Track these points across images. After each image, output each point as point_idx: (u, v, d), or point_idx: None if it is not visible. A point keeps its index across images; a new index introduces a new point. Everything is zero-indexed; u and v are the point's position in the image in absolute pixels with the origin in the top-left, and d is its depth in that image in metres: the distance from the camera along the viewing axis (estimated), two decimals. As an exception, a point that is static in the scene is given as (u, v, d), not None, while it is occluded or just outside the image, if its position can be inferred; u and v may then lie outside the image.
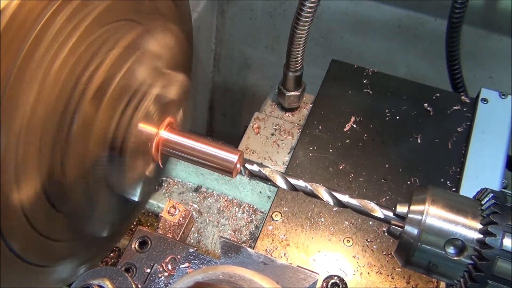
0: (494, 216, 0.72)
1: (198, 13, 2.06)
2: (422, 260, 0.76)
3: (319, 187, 0.85)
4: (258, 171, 0.88)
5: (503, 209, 0.72)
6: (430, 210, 0.75)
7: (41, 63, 0.69)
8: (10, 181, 0.70)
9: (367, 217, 0.84)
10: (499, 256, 0.70)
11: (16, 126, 0.68)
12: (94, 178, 0.84)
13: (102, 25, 0.79)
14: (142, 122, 0.85)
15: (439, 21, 1.83)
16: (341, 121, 1.31)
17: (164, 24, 0.96)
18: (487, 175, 1.18)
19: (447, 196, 0.77)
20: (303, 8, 1.11)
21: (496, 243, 0.70)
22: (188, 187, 1.32)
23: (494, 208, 0.73)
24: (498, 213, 0.72)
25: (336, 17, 2.02)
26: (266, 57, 2.29)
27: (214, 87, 2.48)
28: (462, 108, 1.32)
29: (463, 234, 0.73)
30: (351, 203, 0.83)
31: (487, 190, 0.77)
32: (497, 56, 1.84)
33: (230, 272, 0.77)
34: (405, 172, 1.21)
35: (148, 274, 0.92)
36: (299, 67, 1.28)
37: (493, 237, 0.70)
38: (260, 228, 1.17)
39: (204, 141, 0.90)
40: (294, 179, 0.87)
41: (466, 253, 0.72)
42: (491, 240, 0.70)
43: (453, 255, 0.73)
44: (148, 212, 1.28)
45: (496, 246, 0.70)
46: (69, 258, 0.93)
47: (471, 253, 0.72)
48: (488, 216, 0.72)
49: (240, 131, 1.41)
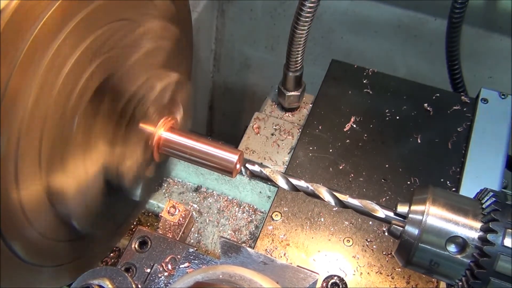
0: (495, 214, 0.72)
1: (198, 13, 2.06)
2: (423, 260, 0.76)
3: (320, 188, 0.85)
4: (259, 171, 0.88)
5: (503, 207, 0.73)
6: (430, 210, 0.75)
7: (41, 63, 0.69)
8: (10, 181, 0.70)
9: (367, 217, 0.84)
10: (501, 252, 0.70)
11: (16, 126, 0.68)
12: (94, 178, 0.84)
13: (102, 25, 0.79)
14: (142, 122, 0.85)
15: (439, 21, 1.83)
16: (341, 121, 1.31)
17: (163, 24, 0.96)
18: (487, 175, 1.18)
19: (447, 196, 0.77)
20: (303, 8, 1.11)
21: (497, 240, 0.70)
22: (188, 187, 1.32)
23: (495, 206, 0.73)
24: (499, 210, 0.72)
25: (336, 17, 2.02)
26: (266, 57, 2.29)
27: (214, 87, 2.48)
28: (462, 108, 1.32)
29: (464, 233, 0.73)
30: (352, 204, 0.83)
31: (487, 190, 0.77)
32: (497, 56, 1.84)
33: (230, 272, 0.76)
34: (405, 172, 1.21)
35: (148, 274, 0.92)
36: (299, 67, 1.28)
37: (495, 233, 0.70)
38: (260, 228, 1.17)
39: (204, 141, 0.90)
40: (296, 179, 0.87)
41: (467, 251, 0.72)
42: (492, 237, 0.70)
43: (455, 253, 0.73)
44: (148, 212, 1.28)
45: (497, 243, 0.70)
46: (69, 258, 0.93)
47: (472, 251, 0.72)
48: (489, 214, 0.72)
49: (240, 131, 1.41)
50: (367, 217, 0.84)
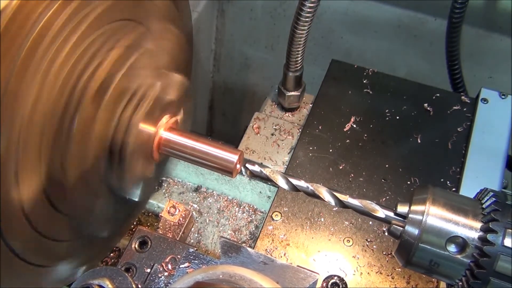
0: (495, 214, 0.72)
1: (198, 13, 2.06)
2: (423, 260, 0.76)
3: (321, 188, 0.85)
4: (259, 171, 0.88)
5: (504, 207, 0.73)
6: (430, 210, 0.75)
7: (41, 63, 0.69)
8: (10, 181, 0.70)
9: (367, 217, 0.84)
10: (501, 252, 0.70)
11: (16, 126, 0.68)
12: (94, 178, 0.84)
13: (102, 25, 0.79)
14: (142, 122, 0.85)
15: (439, 21, 1.83)
16: (341, 121, 1.31)
17: (164, 24, 0.96)
18: (487, 175, 1.18)
19: (447, 196, 0.77)
20: (303, 8, 1.11)
21: (497, 240, 0.70)
22: (188, 187, 1.32)
23: (495, 206, 0.73)
24: (499, 210, 0.72)
25: (336, 17, 2.02)
26: (266, 57, 2.29)
27: (214, 87, 2.48)
28: (462, 108, 1.32)
29: (464, 233, 0.73)
30: (352, 204, 0.83)
31: (487, 190, 0.77)
32: (497, 56, 1.84)
33: (230, 272, 0.76)
34: (405, 172, 1.21)
35: (148, 274, 0.92)
36: (299, 67, 1.28)
37: (495, 233, 0.70)
38: (260, 228, 1.17)
39: (204, 141, 0.90)
40: (296, 179, 0.87)
41: (467, 250, 0.72)
42: (492, 237, 0.70)
43: (455, 253, 0.73)
44: (148, 212, 1.28)
45: (497, 243, 0.70)
46: (69, 258, 0.93)
47: (472, 251, 0.72)
48: (489, 214, 0.72)
49: (240, 131, 1.41)
50: (367, 217, 0.84)
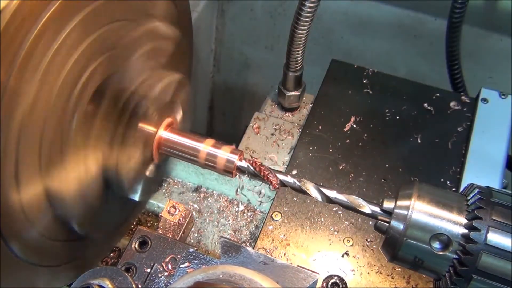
0: (479, 211, 0.72)
1: (198, 13, 2.06)
2: (408, 255, 0.76)
3: (308, 183, 0.85)
4: (246, 167, 0.88)
5: (487, 204, 0.72)
6: (416, 205, 0.75)
7: (40, 63, 0.69)
8: (10, 181, 0.70)
9: (367, 217, 0.84)
10: (484, 250, 0.70)
11: (16, 126, 0.68)
12: (93, 177, 0.84)
13: (102, 25, 0.79)
14: (142, 122, 0.85)
15: (439, 21, 1.83)
16: (341, 121, 1.31)
17: (164, 24, 0.96)
18: (487, 175, 1.18)
19: (433, 192, 0.77)
20: (303, 8, 1.11)
21: (480, 238, 0.70)
22: (188, 187, 1.32)
23: (479, 203, 0.73)
24: (483, 208, 0.72)
25: (336, 17, 2.02)
26: (266, 57, 2.29)
27: (214, 87, 2.48)
28: (462, 108, 1.32)
29: (449, 229, 0.73)
30: (339, 199, 0.83)
31: (473, 186, 0.77)
32: (497, 56, 1.84)
33: (231, 272, 0.76)
34: (405, 172, 1.21)
35: (148, 274, 0.92)
36: (299, 67, 1.28)
37: (478, 232, 0.71)
38: (260, 228, 1.17)
39: (204, 141, 0.90)
40: (283, 175, 0.87)
41: (451, 248, 0.72)
42: (475, 235, 0.71)
43: (439, 250, 0.73)
44: (148, 212, 1.28)
45: (480, 241, 0.70)
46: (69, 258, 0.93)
47: (456, 248, 0.72)
48: (473, 211, 0.72)
49: (240, 131, 1.41)
50: (367, 217, 0.84)
